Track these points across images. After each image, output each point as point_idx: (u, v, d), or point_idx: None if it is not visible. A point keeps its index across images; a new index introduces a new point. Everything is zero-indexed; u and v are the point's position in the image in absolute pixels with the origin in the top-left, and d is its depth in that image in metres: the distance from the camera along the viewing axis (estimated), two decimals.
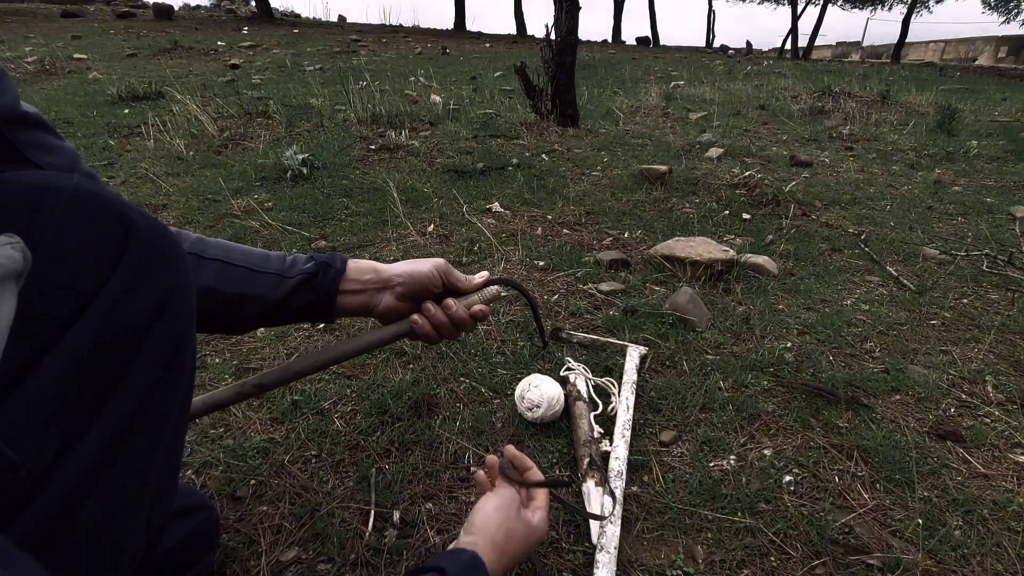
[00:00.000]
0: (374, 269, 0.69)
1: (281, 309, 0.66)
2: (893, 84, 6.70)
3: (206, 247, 0.63)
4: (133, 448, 0.41)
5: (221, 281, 0.62)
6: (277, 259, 0.67)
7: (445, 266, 0.70)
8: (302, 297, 0.66)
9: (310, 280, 0.66)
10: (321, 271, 0.67)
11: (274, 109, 4.09)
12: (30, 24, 10.61)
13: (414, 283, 0.68)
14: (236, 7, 17.34)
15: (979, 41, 26.35)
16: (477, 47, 11.43)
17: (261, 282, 0.64)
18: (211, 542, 0.77)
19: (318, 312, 0.68)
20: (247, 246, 0.67)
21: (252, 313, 0.64)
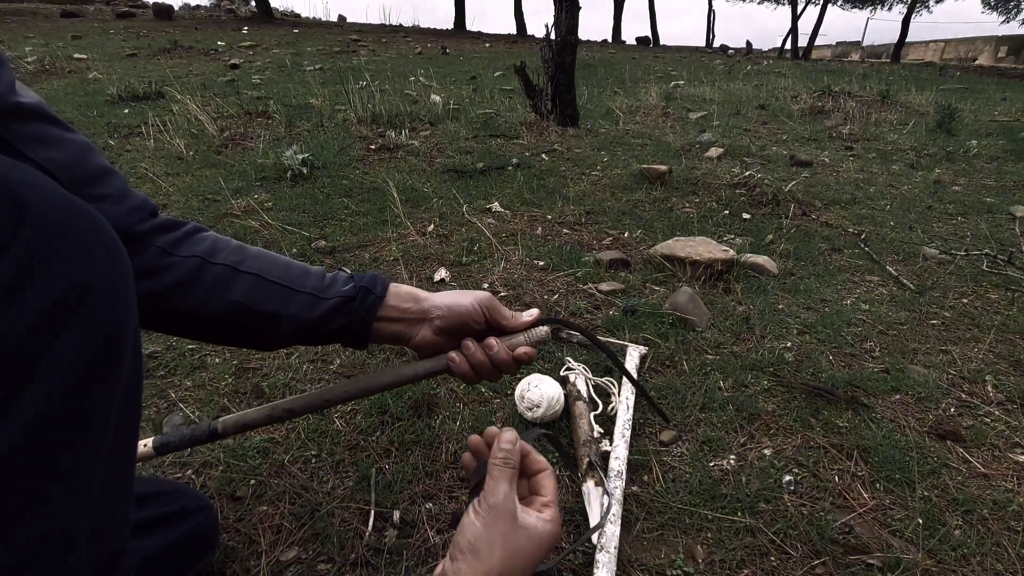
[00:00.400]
0: (414, 297, 0.64)
1: (314, 331, 0.62)
2: (893, 84, 6.70)
3: (243, 259, 0.60)
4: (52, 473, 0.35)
5: (253, 298, 0.59)
6: (316, 276, 0.63)
7: (490, 301, 0.64)
8: (337, 320, 0.62)
9: (347, 304, 0.62)
10: (360, 296, 0.63)
11: (274, 109, 4.09)
12: (30, 24, 10.61)
13: (454, 317, 0.63)
14: (236, 7, 17.34)
15: (979, 41, 26.35)
16: (477, 47, 11.43)
17: (296, 302, 0.61)
18: (210, 542, 0.77)
19: (351, 336, 0.64)
20: (288, 259, 0.64)
21: (284, 332, 0.61)
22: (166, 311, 0.57)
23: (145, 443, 0.69)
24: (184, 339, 1.37)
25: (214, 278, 0.58)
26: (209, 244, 0.60)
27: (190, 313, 0.57)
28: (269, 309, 0.60)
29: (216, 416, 0.71)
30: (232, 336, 0.62)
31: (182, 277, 0.57)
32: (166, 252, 0.57)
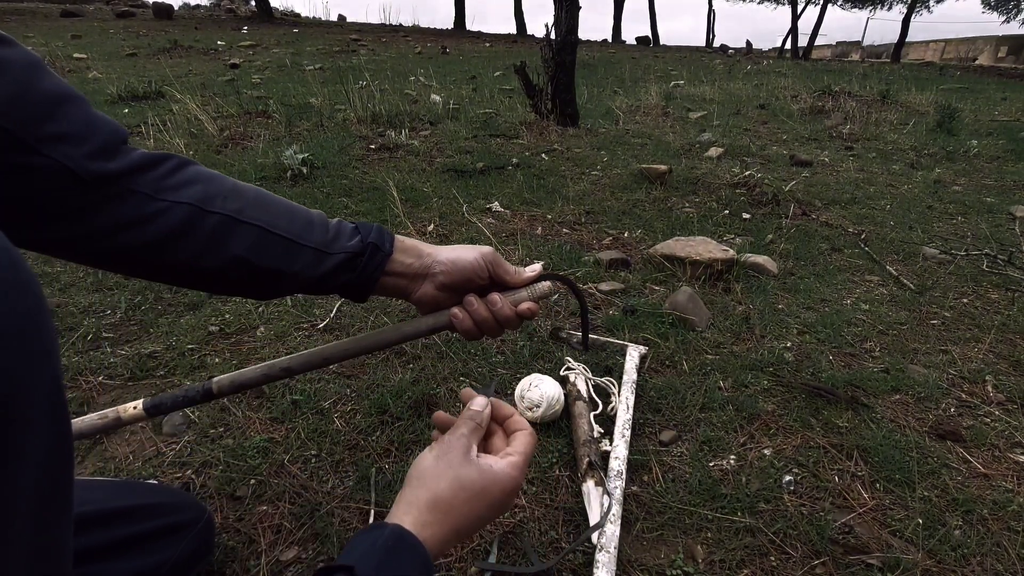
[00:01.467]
0: (418, 252, 0.61)
1: (316, 285, 0.58)
2: (893, 84, 6.70)
3: (243, 206, 0.53)
4: None
5: (256, 253, 0.53)
6: (320, 227, 0.58)
7: (493, 256, 0.62)
8: (342, 276, 0.58)
9: (354, 260, 0.58)
10: (369, 252, 0.59)
11: (274, 109, 4.09)
12: (30, 24, 10.61)
13: (457, 273, 0.60)
14: (236, 7, 17.34)
15: (979, 41, 26.35)
16: (477, 47, 11.43)
17: (301, 258, 0.56)
18: (207, 549, 0.76)
19: (352, 291, 0.61)
20: (288, 202, 0.59)
21: (285, 286, 0.57)
22: (156, 263, 0.51)
23: (136, 405, 0.66)
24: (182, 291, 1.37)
25: (211, 229, 0.51)
26: (201, 188, 0.52)
27: (183, 266, 0.52)
28: (272, 265, 0.55)
29: (211, 376, 0.68)
30: (230, 288, 0.58)
31: (173, 228, 0.50)
32: (150, 197, 0.49)
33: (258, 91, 5.10)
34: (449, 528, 0.46)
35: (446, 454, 0.49)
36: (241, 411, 1.12)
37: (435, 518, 0.45)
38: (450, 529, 0.46)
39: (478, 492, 0.47)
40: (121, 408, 0.66)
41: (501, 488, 0.49)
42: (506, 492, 0.49)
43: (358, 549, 0.42)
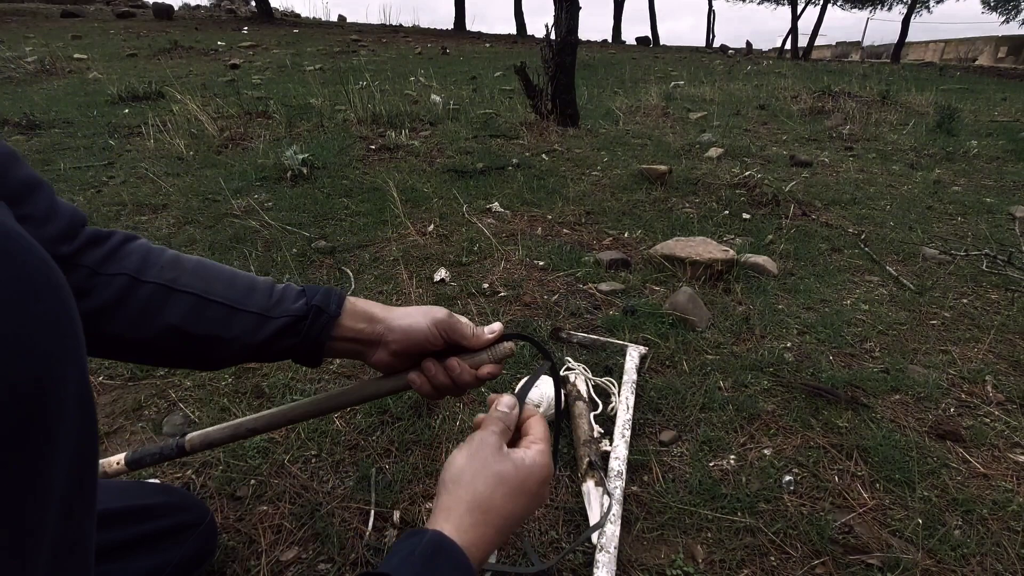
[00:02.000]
0: (369, 318, 0.60)
1: (260, 351, 0.57)
2: (893, 84, 6.70)
3: (179, 275, 0.53)
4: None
5: (191, 321, 0.53)
6: (263, 291, 0.58)
7: (447, 322, 0.60)
8: (285, 342, 0.57)
9: (297, 323, 0.57)
10: (312, 315, 0.57)
11: (274, 109, 4.09)
12: (30, 24, 10.62)
13: (409, 342, 0.59)
14: (236, 7, 17.34)
15: (979, 41, 26.35)
16: (477, 47, 11.44)
17: (239, 323, 0.55)
18: (210, 550, 0.76)
19: (303, 356, 0.59)
20: (232, 270, 0.59)
21: (225, 354, 0.56)
22: (94, 336, 0.50)
23: (118, 459, 0.71)
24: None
25: (145, 299, 0.52)
26: (139, 258, 0.53)
27: (118, 337, 0.51)
28: (209, 332, 0.54)
29: (184, 433, 0.72)
30: (169, 360, 0.57)
31: (108, 299, 0.50)
32: (93, 272, 0.50)
33: (258, 92, 5.10)
34: (491, 529, 0.45)
35: (479, 452, 0.49)
36: (241, 411, 1.12)
37: (475, 520, 0.45)
38: (492, 530, 0.45)
39: (517, 487, 0.47)
40: (105, 461, 0.72)
41: (537, 479, 0.49)
42: (542, 482, 0.49)
43: (396, 556, 0.42)
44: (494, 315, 1.49)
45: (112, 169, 2.78)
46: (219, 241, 1.93)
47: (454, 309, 1.52)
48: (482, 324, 0.63)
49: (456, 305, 1.55)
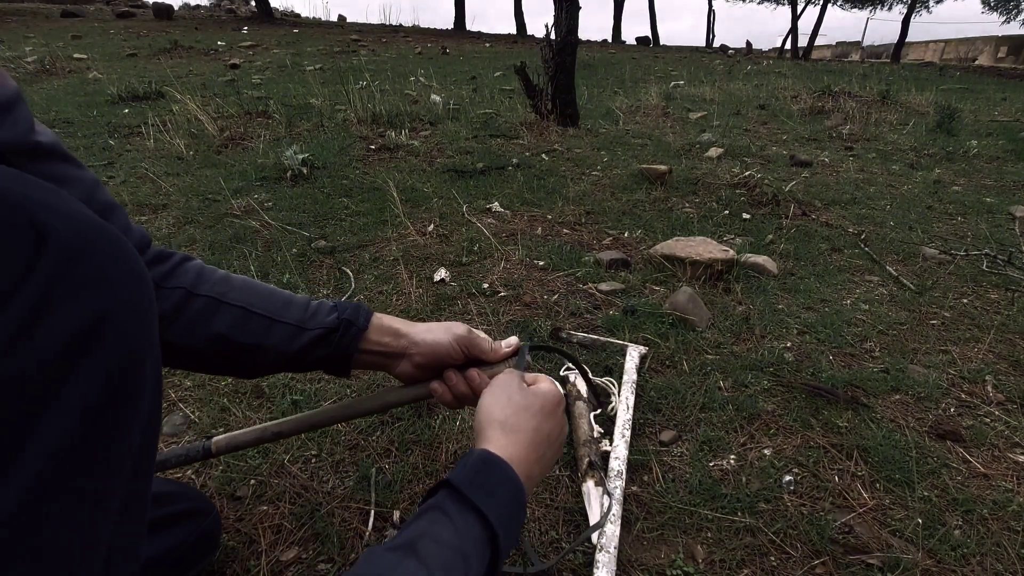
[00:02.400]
0: (395, 332, 0.66)
1: (296, 360, 0.63)
2: (893, 84, 6.70)
3: (228, 290, 0.61)
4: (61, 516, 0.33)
5: (237, 330, 0.60)
6: (299, 306, 0.64)
7: (468, 338, 0.66)
8: (319, 351, 0.63)
9: (329, 335, 0.63)
10: (342, 328, 0.64)
11: (274, 109, 4.09)
12: (30, 24, 10.62)
13: (433, 356, 0.65)
14: (236, 7, 17.34)
15: (979, 41, 26.34)
16: (477, 47, 11.43)
17: (277, 333, 0.61)
18: (213, 543, 0.77)
19: (332, 366, 0.66)
20: (272, 287, 0.65)
21: (264, 362, 0.62)
22: None
23: None
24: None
25: (198, 310, 0.58)
26: (194, 275, 0.60)
27: (173, 344, 0.57)
28: (251, 341, 0.60)
29: (210, 436, 0.73)
30: (215, 366, 0.63)
31: (167, 309, 0.57)
32: (157, 285, 0.56)
33: (258, 91, 5.10)
34: (525, 445, 0.53)
35: (502, 388, 0.57)
36: (241, 411, 1.12)
37: (510, 439, 0.52)
38: (527, 446, 0.53)
39: (539, 409, 0.56)
40: None
41: (553, 401, 0.58)
42: (554, 402, 0.58)
43: (450, 474, 0.48)
44: (494, 315, 1.49)
45: (112, 169, 2.78)
46: (219, 241, 1.93)
47: (454, 309, 1.52)
48: (482, 325, 0.64)
49: (456, 305, 1.55)
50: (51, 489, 0.32)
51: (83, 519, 0.34)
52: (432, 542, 0.42)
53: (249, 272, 1.68)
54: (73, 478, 0.33)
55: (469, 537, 0.44)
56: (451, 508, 0.45)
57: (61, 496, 0.33)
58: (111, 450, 0.36)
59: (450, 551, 0.42)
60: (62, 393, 0.32)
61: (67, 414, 0.32)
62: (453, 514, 0.45)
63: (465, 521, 0.45)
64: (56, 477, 0.32)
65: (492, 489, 0.47)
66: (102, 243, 0.35)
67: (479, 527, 0.45)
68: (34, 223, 0.32)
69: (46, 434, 0.31)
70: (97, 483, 0.35)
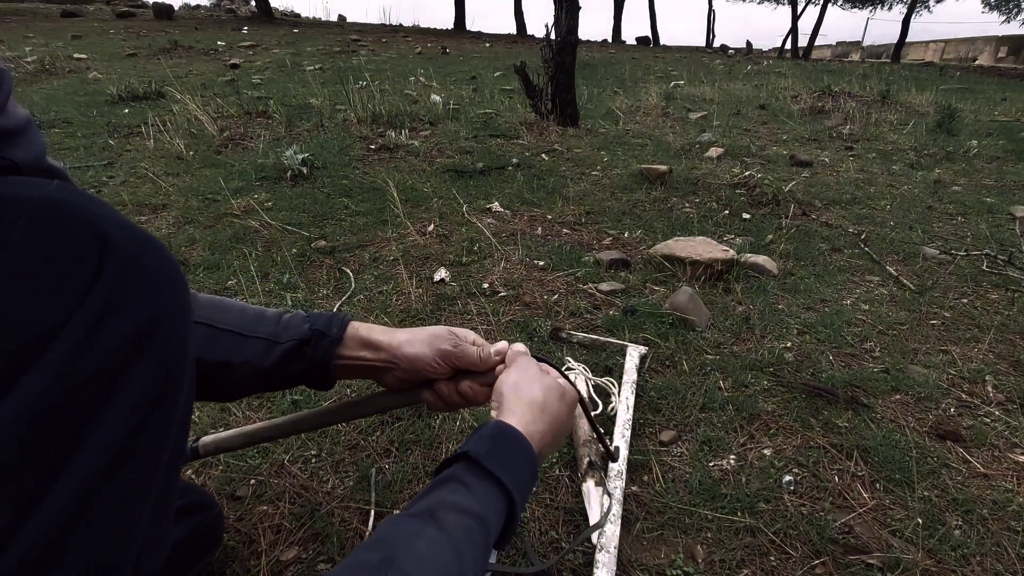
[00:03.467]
0: (373, 345, 0.63)
1: (271, 376, 0.61)
2: (893, 84, 6.69)
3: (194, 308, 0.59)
4: (113, 502, 0.36)
5: (205, 348, 0.57)
6: (271, 320, 0.62)
7: (452, 354, 0.63)
8: (295, 365, 0.61)
9: (302, 347, 0.61)
10: (314, 339, 0.61)
11: (274, 109, 4.09)
12: (30, 24, 10.62)
13: (415, 371, 0.63)
14: (236, 7, 17.34)
15: (979, 41, 26.33)
16: (477, 47, 11.43)
17: (249, 348, 0.59)
18: (216, 538, 0.78)
19: (313, 380, 0.63)
20: (244, 304, 0.63)
21: (239, 381, 0.60)
22: None
23: None
24: None
25: None
26: None
27: None
28: (220, 358, 0.58)
29: (197, 438, 0.73)
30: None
31: None
32: None
33: (258, 91, 5.10)
34: (546, 425, 0.55)
35: (527, 369, 0.60)
36: (241, 411, 1.12)
37: (535, 416, 0.55)
38: (547, 426, 0.55)
39: (561, 395, 0.59)
40: None
41: (572, 395, 0.61)
42: (575, 399, 0.62)
43: (468, 441, 0.51)
44: (494, 315, 1.49)
45: (112, 169, 2.78)
46: (219, 241, 1.93)
47: (454, 309, 1.52)
48: (482, 325, 0.64)
49: (456, 305, 1.55)
50: (103, 482, 0.35)
51: (127, 508, 0.37)
52: (452, 510, 0.45)
53: (249, 272, 1.68)
54: (123, 470, 0.36)
55: (489, 505, 0.47)
56: (470, 479, 0.47)
57: (112, 488, 0.35)
58: (154, 444, 0.38)
59: (470, 518, 0.45)
60: (120, 390, 0.35)
61: (123, 409, 0.35)
62: (473, 484, 0.47)
63: (484, 490, 0.47)
64: (109, 469, 0.35)
65: (509, 459, 0.50)
66: (152, 251, 0.38)
67: (497, 494, 0.48)
68: (98, 233, 0.35)
69: (106, 427, 0.34)
70: (141, 475, 0.38)
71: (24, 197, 0.33)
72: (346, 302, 1.56)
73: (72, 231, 0.34)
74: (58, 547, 0.33)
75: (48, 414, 0.32)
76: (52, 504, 0.32)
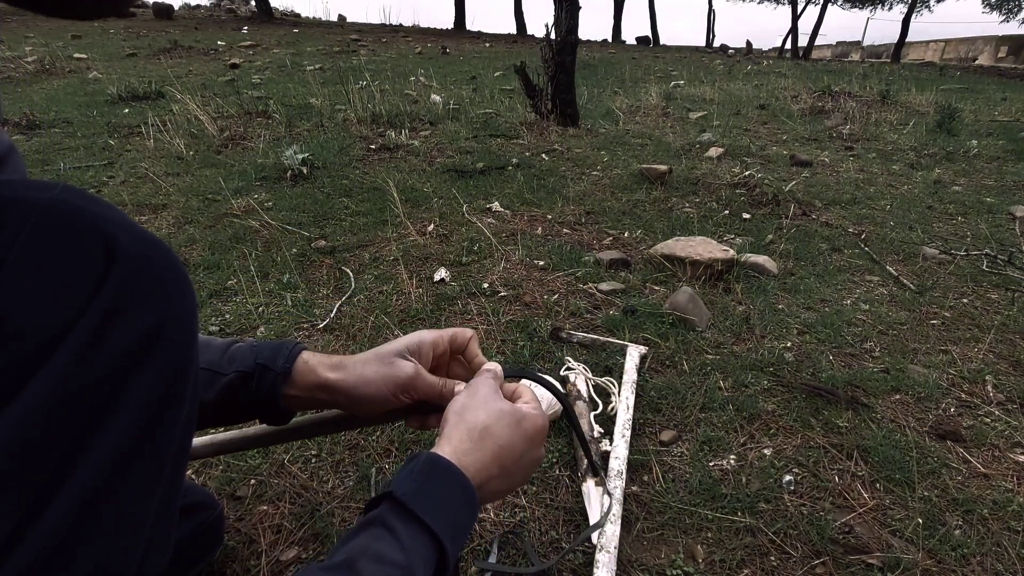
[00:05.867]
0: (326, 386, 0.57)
1: (219, 410, 0.57)
2: (893, 84, 6.69)
3: None
4: (117, 508, 0.36)
5: None
6: (217, 349, 0.58)
7: (411, 386, 0.57)
8: (240, 398, 0.57)
9: (247, 380, 0.56)
10: (258, 372, 0.57)
11: (274, 109, 4.09)
12: (30, 24, 10.61)
13: (375, 407, 0.59)
14: (236, 7, 17.33)
15: (979, 41, 26.33)
16: (477, 47, 11.43)
17: None
18: (218, 538, 0.78)
19: (264, 415, 0.59)
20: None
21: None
22: None
23: None
24: None
25: None
26: None
27: None
28: None
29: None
30: None
31: None
32: None
33: (258, 91, 5.10)
34: (488, 454, 0.48)
35: (478, 391, 0.53)
36: None
37: (474, 444, 0.48)
38: (490, 455, 0.48)
39: (515, 422, 0.51)
40: None
41: (533, 424, 0.52)
42: (538, 429, 0.52)
43: (396, 478, 0.46)
44: (494, 315, 1.49)
45: (112, 169, 2.78)
46: (219, 241, 1.93)
47: (454, 309, 1.52)
48: (482, 325, 0.63)
49: (456, 305, 1.55)
50: (109, 486, 0.35)
51: (133, 512, 0.37)
52: (373, 561, 0.41)
53: (249, 272, 1.68)
54: (128, 473, 0.36)
55: (416, 551, 0.42)
56: (395, 523, 0.43)
57: (118, 492, 0.35)
58: (160, 446, 0.38)
59: (393, 569, 0.41)
60: (126, 394, 0.35)
61: (129, 413, 0.35)
62: (397, 529, 0.43)
63: (411, 535, 0.43)
64: (115, 472, 0.35)
65: (440, 497, 0.45)
66: (159, 254, 0.38)
67: (425, 540, 0.43)
68: (104, 236, 0.35)
69: (112, 430, 0.34)
70: (146, 478, 0.38)
71: (30, 199, 0.33)
72: (346, 302, 1.56)
73: (78, 234, 0.34)
74: (63, 553, 0.33)
75: (54, 418, 0.32)
76: (57, 509, 0.32)
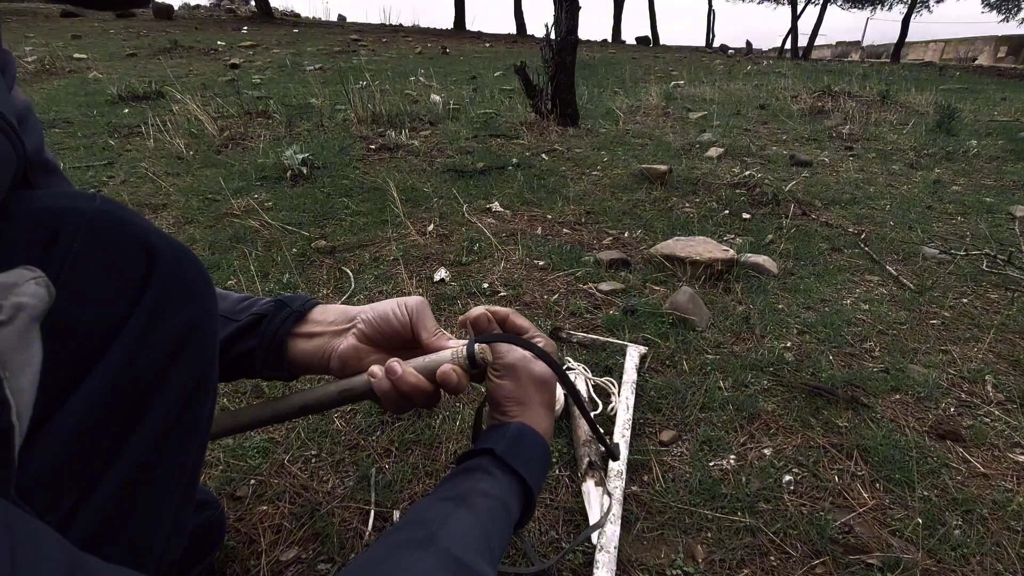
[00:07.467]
0: (344, 312, 0.59)
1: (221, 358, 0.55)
2: (893, 84, 6.69)
3: None
4: (151, 491, 0.39)
5: None
6: (233, 300, 0.58)
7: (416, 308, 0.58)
8: (245, 343, 0.56)
9: (259, 322, 0.56)
10: (274, 309, 0.57)
11: (274, 109, 4.09)
12: (30, 24, 10.61)
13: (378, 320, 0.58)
14: (236, 7, 17.33)
15: (979, 41, 26.33)
16: (477, 47, 11.43)
17: None
18: (219, 536, 0.78)
19: (264, 362, 0.57)
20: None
21: None
22: None
23: None
24: None
25: None
26: None
27: None
28: None
29: None
30: None
31: None
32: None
33: (258, 91, 5.10)
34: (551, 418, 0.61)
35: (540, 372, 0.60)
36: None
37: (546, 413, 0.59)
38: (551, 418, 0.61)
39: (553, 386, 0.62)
40: None
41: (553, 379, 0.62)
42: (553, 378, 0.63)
43: (490, 439, 0.55)
44: None
45: (112, 169, 2.78)
46: (219, 241, 1.93)
47: (454, 309, 1.52)
48: None
49: (456, 305, 1.55)
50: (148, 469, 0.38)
51: (165, 494, 0.41)
52: (481, 495, 0.50)
53: (249, 272, 1.68)
54: (164, 459, 0.39)
55: (512, 493, 0.52)
56: (495, 471, 0.52)
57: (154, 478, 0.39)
58: (189, 436, 0.42)
59: (496, 502, 0.50)
60: (166, 386, 0.38)
61: (166, 404, 0.39)
62: (497, 475, 0.52)
63: (508, 481, 0.53)
64: (155, 457, 0.38)
65: (528, 457, 0.55)
66: (189, 259, 0.41)
67: (518, 486, 0.53)
68: (144, 244, 0.38)
69: (152, 419, 0.38)
70: (177, 464, 0.41)
71: (79, 209, 0.36)
72: (346, 302, 1.56)
73: (123, 241, 0.37)
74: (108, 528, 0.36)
75: (107, 408, 0.36)
76: (103, 491, 0.36)
